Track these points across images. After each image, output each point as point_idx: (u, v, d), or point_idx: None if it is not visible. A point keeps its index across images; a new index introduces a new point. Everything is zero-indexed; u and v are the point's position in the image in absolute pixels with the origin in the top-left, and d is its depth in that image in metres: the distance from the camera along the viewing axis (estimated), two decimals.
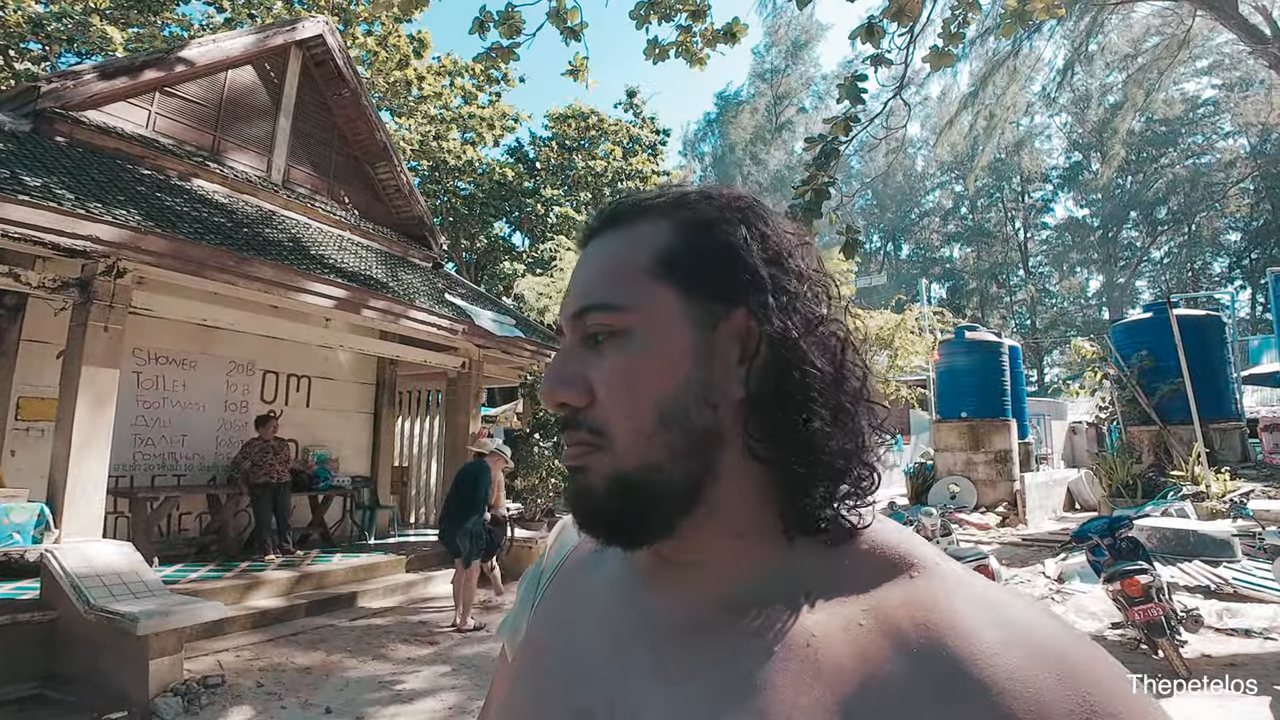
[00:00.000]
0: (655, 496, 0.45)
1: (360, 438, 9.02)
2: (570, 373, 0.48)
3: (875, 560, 0.45)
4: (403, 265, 8.67)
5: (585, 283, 0.50)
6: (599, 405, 0.47)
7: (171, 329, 6.55)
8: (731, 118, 46.37)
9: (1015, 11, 5.91)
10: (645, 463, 0.45)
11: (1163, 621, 3.91)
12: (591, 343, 0.48)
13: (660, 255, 0.48)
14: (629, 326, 0.47)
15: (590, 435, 0.47)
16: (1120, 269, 37.49)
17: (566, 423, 0.49)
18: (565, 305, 0.51)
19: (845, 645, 0.41)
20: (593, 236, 0.53)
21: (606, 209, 0.53)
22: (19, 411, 5.68)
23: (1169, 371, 9.63)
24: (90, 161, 5.55)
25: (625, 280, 0.48)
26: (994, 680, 0.37)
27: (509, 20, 6.03)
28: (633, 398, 0.46)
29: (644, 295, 0.47)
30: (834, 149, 5.55)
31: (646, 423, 0.45)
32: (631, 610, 0.50)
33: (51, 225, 4.12)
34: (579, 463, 0.48)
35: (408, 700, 4.09)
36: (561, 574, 0.60)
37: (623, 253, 0.49)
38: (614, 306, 0.47)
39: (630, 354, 0.46)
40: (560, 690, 0.49)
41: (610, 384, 0.47)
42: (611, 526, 0.47)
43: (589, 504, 0.47)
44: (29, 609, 4.18)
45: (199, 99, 7.13)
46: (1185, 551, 6.18)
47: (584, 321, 0.49)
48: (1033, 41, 19.98)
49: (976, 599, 0.41)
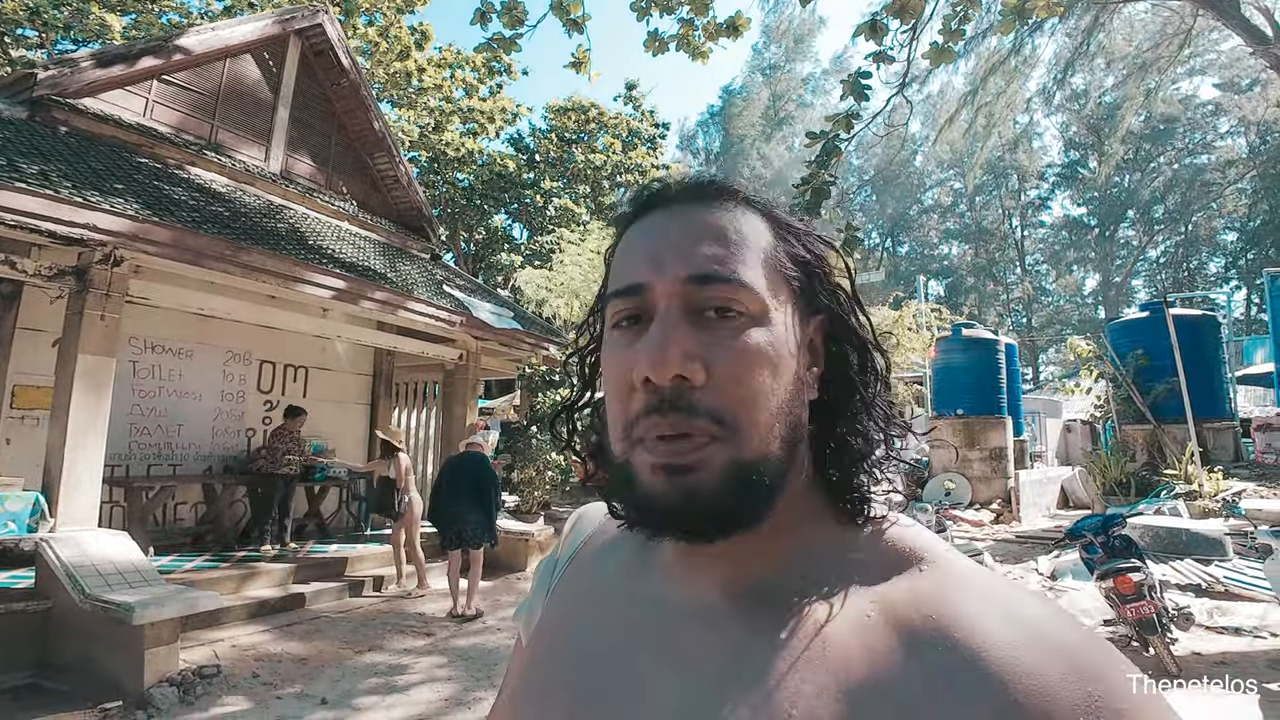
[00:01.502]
0: (764, 487, 0.44)
1: (357, 429, 9.01)
2: (692, 347, 0.44)
3: (886, 553, 0.46)
4: (401, 256, 8.65)
5: (697, 251, 0.46)
6: (719, 387, 0.44)
7: (168, 318, 6.53)
8: (733, 113, 46.26)
9: (1015, 8, 5.91)
10: (763, 453, 0.44)
11: (1154, 619, 3.94)
12: (702, 317, 0.45)
13: (778, 249, 0.49)
14: (759, 312, 0.46)
15: (709, 422, 0.43)
16: (1117, 268, 37.60)
17: (674, 403, 0.43)
18: (665, 266, 0.46)
19: (853, 636, 0.41)
20: (680, 201, 0.50)
21: (697, 178, 0.51)
22: (14, 399, 5.65)
23: (1164, 370, 9.68)
24: (88, 149, 5.51)
25: (752, 263, 0.47)
26: (1000, 674, 0.37)
27: (511, 10, 6.00)
28: (764, 384, 0.45)
29: (771, 283, 0.47)
30: (835, 146, 5.55)
31: (771, 412, 0.45)
32: (645, 596, 0.51)
33: (48, 213, 4.09)
34: (690, 459, 0.43)
35: (403, 691, 4.11)
36: (576, 561, 0.61)
37: (740, 233, 0.48)
38: (750, 286, 0.46)
39: (762, 341, 0.45)
40: (574, 673, 0.50)
41: (742, 367, 0.44)
42: (717, 522, 0.44)
43: (699, 502, 0.43)
44: (23, 598, 4.17)
45: (197, 87, 7.08)
46: (1178, 550, 6.23)
47: (705, 290, 0.45)
48: (1034, 40, 19.95)
49: (983, 593, 0.42)
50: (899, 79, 6.07)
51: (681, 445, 0.43)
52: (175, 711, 3.64)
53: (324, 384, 8.58)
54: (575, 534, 0.64)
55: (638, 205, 0.52)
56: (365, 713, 3.79)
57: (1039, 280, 41.07)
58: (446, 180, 19.19)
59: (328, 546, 7.12)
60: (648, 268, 0.47)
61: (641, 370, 0.44)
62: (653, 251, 0.47)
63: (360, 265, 6.80)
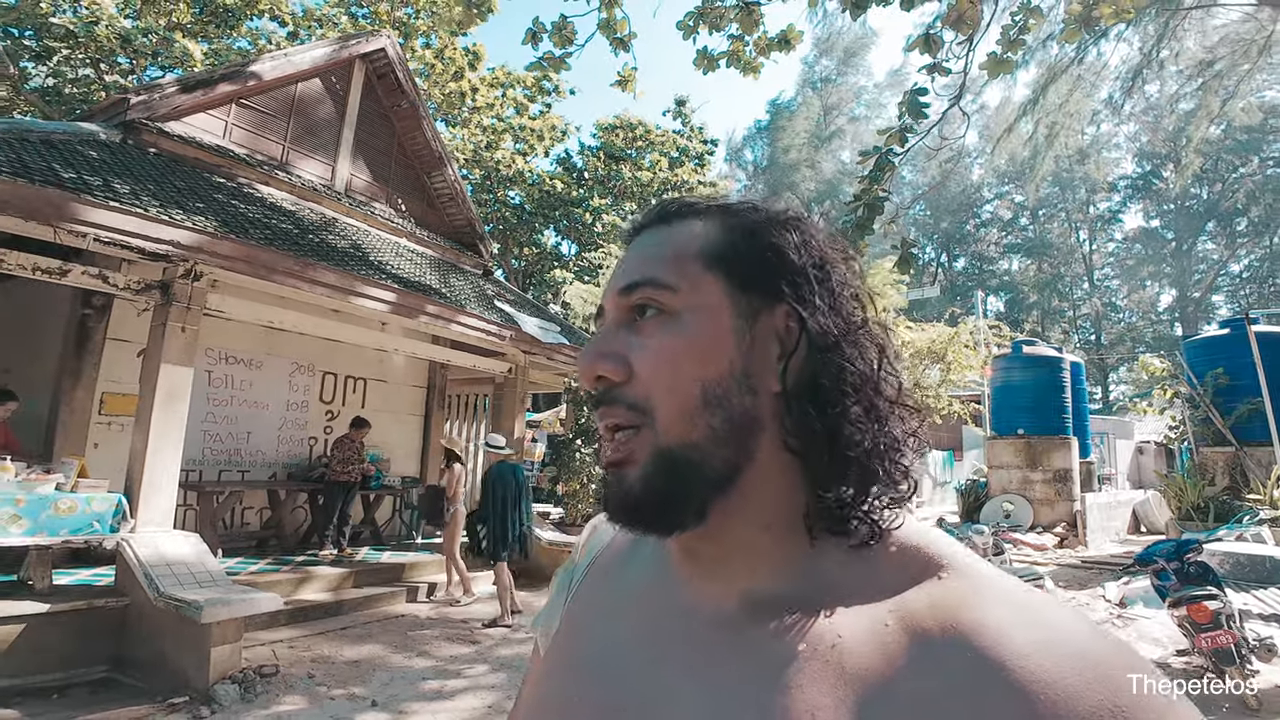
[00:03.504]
0: (695, 476, 0.46)
1: (412, 439, 9.26)
2: (610, 347, 0.49)
3: (904, 561, 0.46)
4: (455, 271, 8.90)
5: (633, 265, 0.52)
6: (639, 381, 0.48)
7: (241, 330, 6.88)
8: (782, 125, 45.96)
9: (1080, 16, 5.71)
10: (687, 440, 0.46)
11: (1232, 650, 3.70)
12: (633, 321, 0.50)
13: (709, 247, 0.50)
14: (677, 307, 0.49)
15: (629, 411, 0.47)
16: (1195, 283, 35.52)
17: (601, 399, 0.49)
18: (609, 286, 0.52)
19: (871, 646, 0.41)
20: (640, 231, 0.55)
21: (656, 207, 0.56)
22: (103, 406, 6.05)
23: (1246, 390, 9.12)
24: (172, 169, 5.90)
25: (675, 264, 0.50)
26: (1021, 682, 0.36)
27: (561, 30, 6.15)
28: (676, 374, 0.47)
29: (692, 279, 0.49)
30: (889, 161, 5.45)
31: (690, 400, 0.46)
32: (661, 606, 0.51)
33: (139, 230, 4.39)
34: (620, 454, 0.47)
35: (449, 697, 4.17)
36: (593, 571, 0.61)
37: (673, 242, 0.51)
38: (663, 284, 0.49)
39: (676, 333, 0.48)
40: (590, 683, 0.50)
41: (655, 360, 0.48)
42: (650, 510, 0.47)
43: (630, 493, 0.47)
44: (104, 595, 4.41)
45: (271, 110, 7.50)
46: (1261, 578, 5.83)
47: (630, 296, 0.50)
48: (1098, 47, 19.21)
49: (1005, 600, 0.41)
50: (953, 90, 5.95)
51: (616, 441, 0.48)
52: (236, 708, 3.79)
53: (381, 395, 8.87)
54: (593, 542, 0.65)
55: (624, 243, 0.57)
56: (412, 716, 3.87)
57: (1109, 296, 39.16)
58: (498, 198, 19.70)
59: (381, 553, 7.32)
60: (606, 291, 0.53)
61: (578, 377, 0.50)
62: (611, 276, 0.53)
63: (416, 280, 7.04)
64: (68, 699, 3.87)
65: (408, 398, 9.31)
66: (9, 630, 3.93)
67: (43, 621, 4.04)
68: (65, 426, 5.80)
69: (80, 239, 4.35)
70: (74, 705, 3.77)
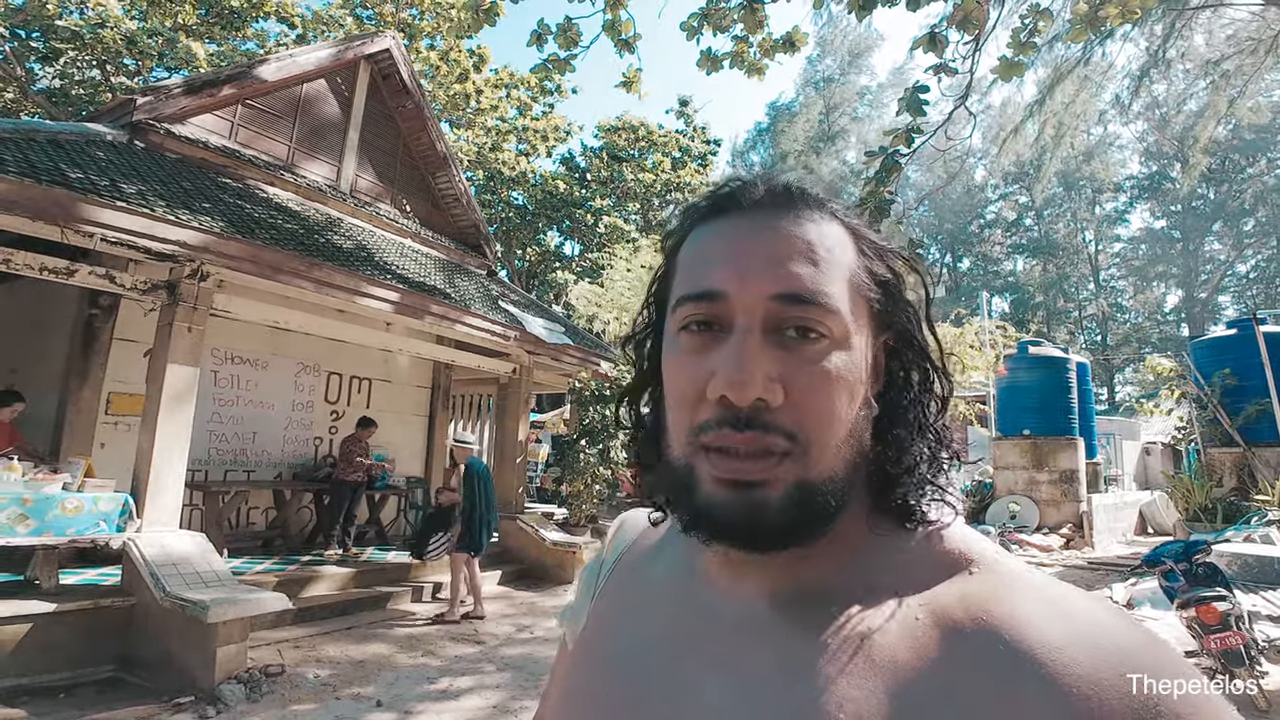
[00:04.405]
0: (828, 506, 0.45)
1: (416, 440, 9.28)
2: (774, 368, 0.44)
3: (936, 557, 0.46)
4: (459, 272, 8.91)
5: (781, 265, 0.45)
6: (795, 408, 0.44)
7: (247, 331, 6.90)
8: (783, 127, 45.90)
9: (1086, 17, 5.68)
10: (829, 473, 0.45)
11: (1241, 651, 3.69)
12: (783, 333, 0.45)
13: (859, 267, 0.49)
14: (840, 335, 0.45)
15: (784, 439, 0.43)
16: (1202, 283, 35.33)
17: (750, 421, 0.43)
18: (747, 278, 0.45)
19: (902, 640, 0.41)
20: (759, 208, 0.48)
21: (775, 182, 0.50)
22: (109, 406, 6.07)
23: (1254, 391, 9.10)
24: (179, 170, 5.92)
25: (837, 282, 0.46)
26: (1054, 674, 0.36)
27: (566, 32, 6.15)
28: (838, 408, 0.45)
29: (853, 306, 0.47)
30: (895, 162, 5.43)
31: (841, 434, 0.45)
32: (690, 602, 0.51)
33: (145, 230, 4.41)
34: (762, 476, 0.43)
35: (454, 697, 4.17)
36: (621, 567, 0.61)
37: (824, 249, 0.47)
38: (834, 310, 0.45)
39: (840, 365, 0.45)
40: (618, 677, 0.51)
41: (819, 391, 0.44)
42: (779, 537, 0.44)
43: (764, 517, 0.43)
44: (111, 594, 4.43)
45: (276, 111, 7.52)
46: (1269, 579, 5.80)
47: (789, 310, 0.45)
48: (1104, 47, 19.12)
49: (1036, 594, 0.41)
50: (959, 90, 5.93)
51: (750, 463, 0.43)
52: (242, 708, 3.79)
53: (386, 396, 8.88)
54: (620, 538, 0.65)
55: (715, 202, 0.51)
56: (418, 716, 3.86)
57: (1115, 296, 38.97)
58: (502, 199, 19.75)
59: (386, 553, 7.32)
60: (730, 276, 0.46)
61: (719, 387, 0.43)
62: (736, 259, 0.46)
63: (421, 280, 7.05)
64: (74, 698, 3.87)
65: (412, 398, 9.32)
66: (16, 630, 3.94)
67: (49, 621, 4.05)
68: (72, 426, 5.82)
69: (87, 239, 4.37)
70: (81, 704, 3.78)
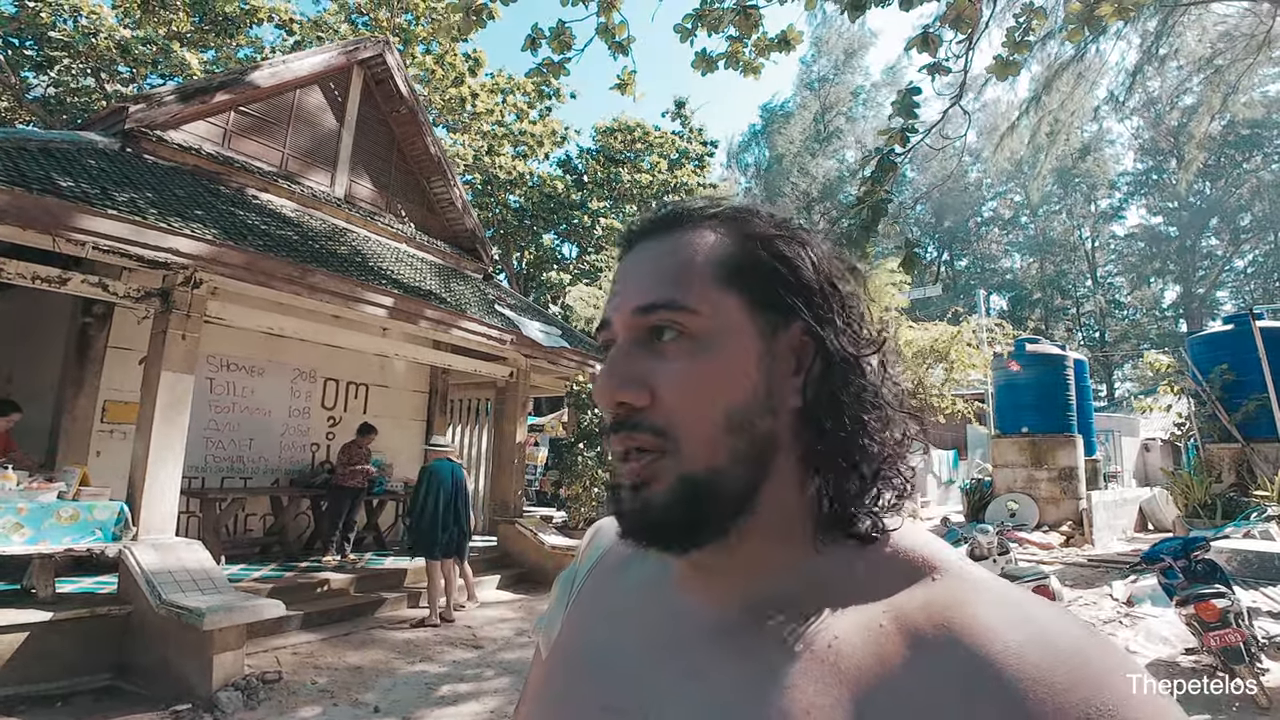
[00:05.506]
0: (718, 500, 0.46)
1: (413, 445, 9.25)
2: (633, 372, 0.47)
3: (898, 564, 0.47)
4: (455, 276, 8.91)
5: (644, 281, 0.49)
6: (662, 406, 0.46)
7: (242, 337, 6.89)
8: (778, 129, 45.96)
9: (1082, 15, 5.69)
10: (711, 466, 0.46)
11: (1241, 648, 3.69)
12: (650, 343, 0.48)
13: (725, 263, 0.49)
14: (700, 330, 0.47)
15: (653, 437, 0.46)
16: (1199, 279, 35.38)
17: (622, 424, 0.47)
18: (619, 302, 0.50)
19: (866, 646, 0.42)
20: (641, 238, 0.53)
21: (656, 214, 0.54)
22: (104, 414, 6.06)
23: (1252, 386, 9.10)
24: (172, 178, 5.91)
25: (692, 283, 0.48)
26: (1012, 679, 0.37)
27: (560, 36, 6.15)
28: (704, 401, 0.46)
29: (713, 300, 0.48)
30: (891, 162, 5.43)
31: (716, 427, 0.46)
32: (662, 610, 0.52)
33: (137, 238, 4.40)
34: (641, 476, 0.47)
35: (453, 702, 4.16)
36: (595, 575, 0.62)
37: (684, 256, 0.49)
38: (686, 307, 0.47)
39: (701, 358, 0.47)
40: (591, 686, 0.51)
41: (681, 386, 0.46)
42: (672, 533, 0.46)
43: (650, 515, 0.47)
44: (107, 603, 4.42)
45: (270, 117, 7.52)
46: (1269, 575, 5.80)
47: (648, 318, 0.48)
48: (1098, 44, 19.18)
49: (997, 600, 0.42)
50: (953, 89, 5.93)
51: (634, 465, 0.47)
52: (240, 715, 3.78)
53: (383, 401, 8.87)
54: (594, 547, 0.65)
55: (620, 247, 0.55)
56: None
57: (1112, 293, 39.03)
58: (499, 202, 19.74)
59: (384, 558, 7.31)
60: (612, 305, 0.51)
61: (595, 400, 0.49)
62: (617, 289, 0.52)
63: (417, 285, 7.04)
64: (71, 707, 3.86)
65: (409, 403, 9.30)
66: (12, 638, 3.93)
67: (46, 629, 4.04)
68: (67, 434, 5.80)
69: (79, 247, 4.35)
70: (78, 713, 3.77)
